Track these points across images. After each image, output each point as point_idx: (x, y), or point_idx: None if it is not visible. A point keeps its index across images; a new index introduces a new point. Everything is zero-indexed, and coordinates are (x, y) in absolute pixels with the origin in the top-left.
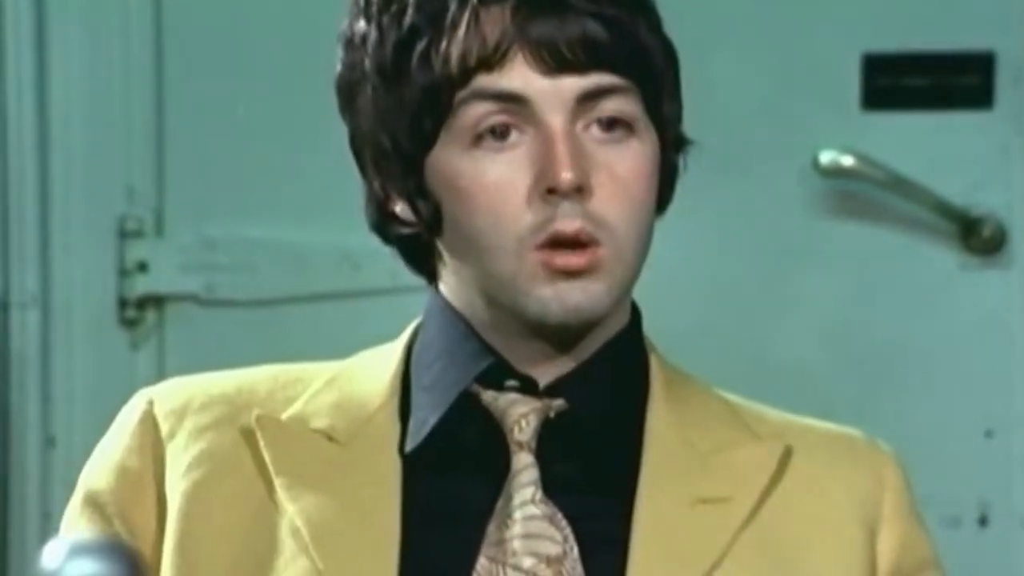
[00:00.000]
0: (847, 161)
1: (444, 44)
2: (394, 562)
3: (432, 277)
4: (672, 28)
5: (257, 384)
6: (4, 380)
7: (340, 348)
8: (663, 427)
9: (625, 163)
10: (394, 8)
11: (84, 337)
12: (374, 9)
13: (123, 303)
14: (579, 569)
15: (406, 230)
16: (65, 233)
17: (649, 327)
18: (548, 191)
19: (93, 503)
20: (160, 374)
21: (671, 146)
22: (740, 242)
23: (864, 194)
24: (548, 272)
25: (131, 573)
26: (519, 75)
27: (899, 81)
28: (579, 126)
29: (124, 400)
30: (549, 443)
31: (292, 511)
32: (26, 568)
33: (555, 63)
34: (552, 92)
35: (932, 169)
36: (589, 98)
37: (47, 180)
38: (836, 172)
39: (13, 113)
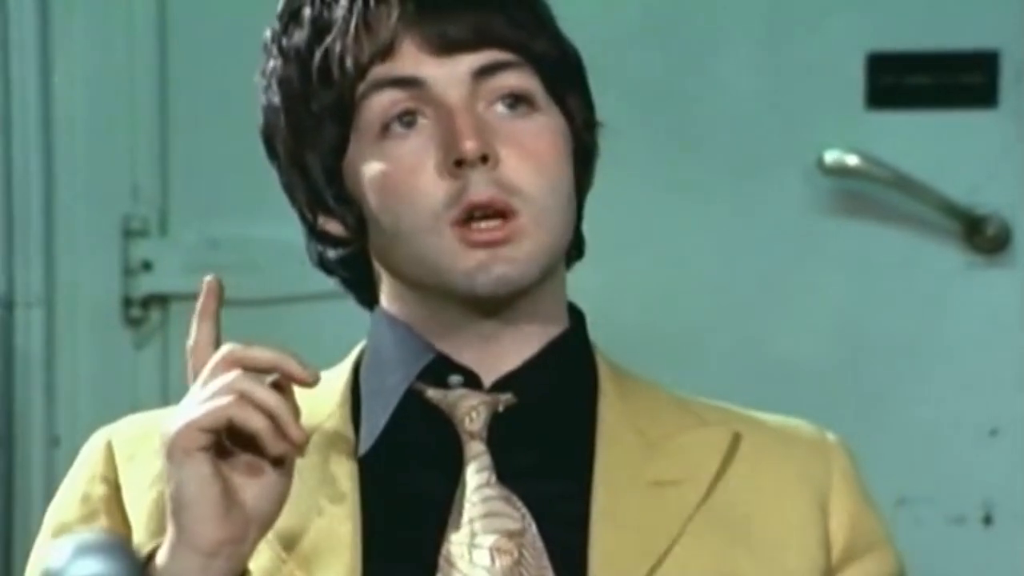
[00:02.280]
0: (852, 160)
1: (339, 50)
2: (358, 555)
3: (374, 300)
4: (677, 28)
5: None
6: (8, 379)
7: (344, 348)
8: (614, 417)
9: (531, 135)
10: (291, 34)
11: (88, 336)
12: (274, 43)
13: (127, 302)
14: (539, 543)
15: (341, 250)
16: (69, 232)
17: (654, 326)
18: (456, 163)
19: (61, 533)
20: (164, 373)
21: (581, 131)
22: (745, 241)
23: (869, 193)
24: (469, 246)
25: (135, 571)
26: (412, 59)
27: (904, 80)
28: (481, 105)
29: (128, 399)
30: (500, 434)
31: None
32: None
33: (446, 44)
34: (446, 71)
35: (937, 168)
36: (484, 73)
37: (51, 179)
38: (841, 171)
39: (18, 112)
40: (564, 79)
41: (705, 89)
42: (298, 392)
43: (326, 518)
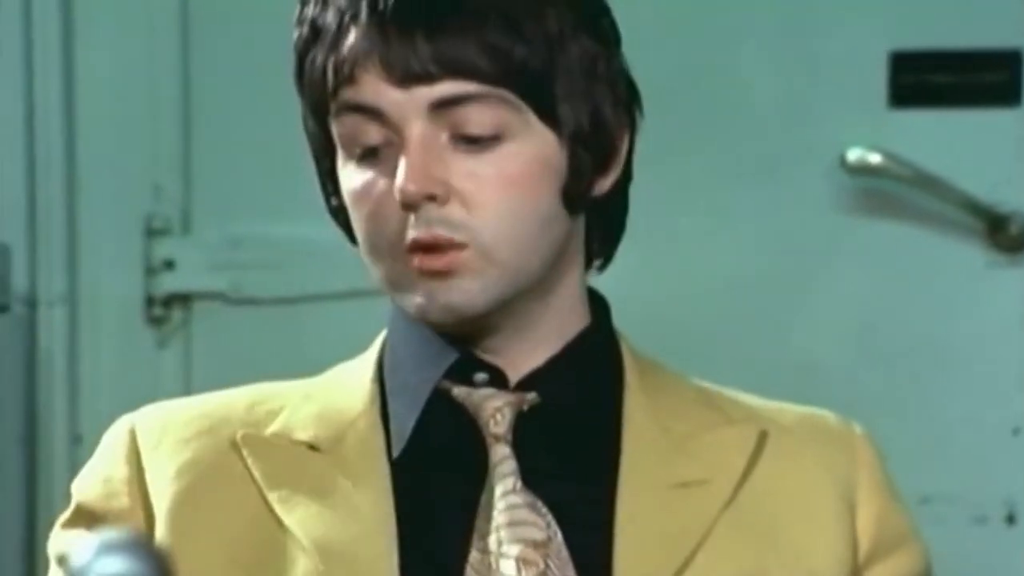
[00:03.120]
0: (874, 159)
1: (321, 58)
2: (395, 564)
3: None
4: (697, 26)
5: (235, 403)
6: (31, 378)
7: (365, 346)
8: (639, 415)
9: (491, 169)
10: (300, 24)
11: (111, 335)
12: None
13: (150, 301)
14: (564, 552)
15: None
16: (92, 231)
17: (675, 324)
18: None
19: (81, 513)
20: (186, 372)
21: (580, 143)
22: (767, 240)
23: (891, 191)
24: (416, 273)
25: (159, 570)
26: (372, 88)
27: (926, 78)
28: (443, 136)
29: (150, 397)
30: (525, 435)
31: (289, 523)
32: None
33: (404, 74)
34: (404, 103)
35: (959, 166)
36: (443, 106)
37: (74, 179)
38: (863, 170)
39: (41, 112)
40: (558, 90)
41: (727, 87)
42: (324, 389)
43: (363, 526)
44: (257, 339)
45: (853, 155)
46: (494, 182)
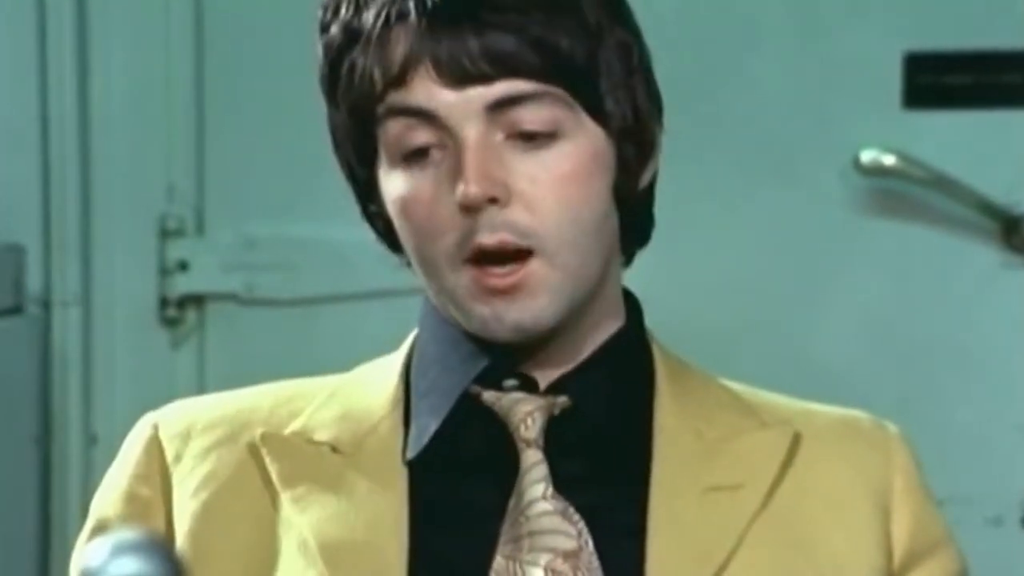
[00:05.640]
0: (888, 160)
1: (363, 62)
2: (403, 570)
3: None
4: (712, 26)
5: (259, 402)
6: (46, 378)
7: (381, 347)
8: (671, 419)
9: (549, 168)
10: (328, 29)
11: (125, 336)
12: (319, 31)
13: (164, 302)
14: (595, 562)
15: (383, 239)
16: (106, 232)
17: (690, 326)
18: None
19: (104, 531)
20: (200, 373)
21: (626, 137)
22: (781, 240)
23: (905, 193)
24: (482, 289)
25: (174, 571)
26: (424, 90)
27: (941, 79)
28: (499, 136)
29: (165, 398)
30: (556, 440)
31: (300, 524)
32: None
33: (459, 75)
34: (459, 105)
35: (974, 167)
36: (500, 107)
37: (88, 179)
38: (877, 171)
39: (55, 113)
40: (602, 84)
41: (741, 88)
42: (350, 388)
43: (371, 531)
44: (271, 340)
45: (867, 156)
46: (554, 182)
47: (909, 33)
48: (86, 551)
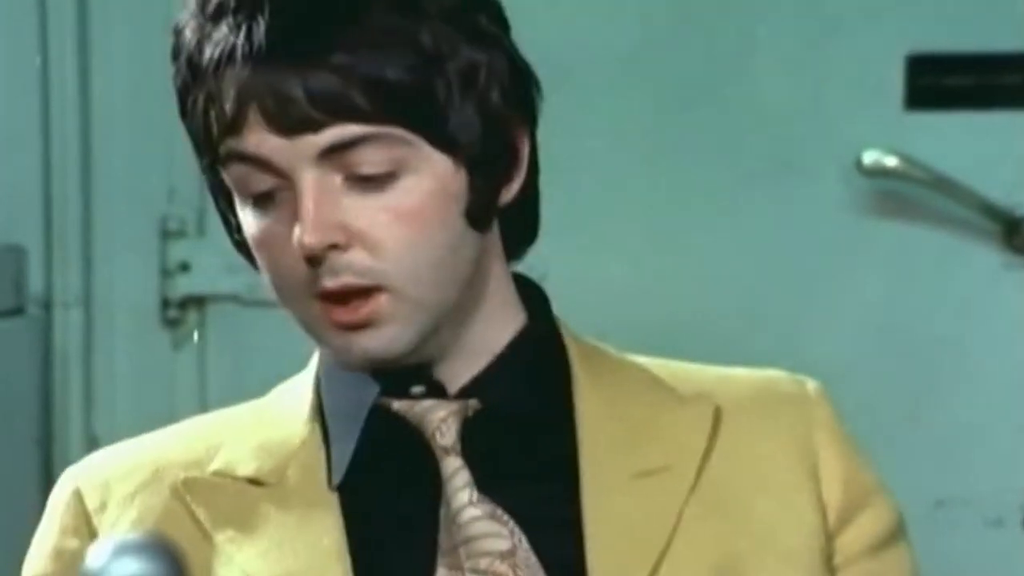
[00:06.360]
0: (890, 161)
1: (201, 102)
2: None
3: None
4: (714, 28)
5: (176, 443)
6: (47, 379)
7: None
8: (591, 406)
9: (390, 208)
10: (176, 58)
11: (126, 337)
12: (170, 55)
13: (165, 303)
14: (533, 558)
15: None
16: (107, 234)
17: (692, 326)
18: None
19: None
20: (201, 374)
21: (478, 159)
22: (783, 242)
23: (907, 194)
24: (331, 323)
25: (176, 570)
26: (255, 137)
27: (943, 81)
28: (337, 179)
29: (166, 399)
30: (474, 443)
31: (240, 561)
32: None
33: (287, 123)
34: (291, 152)
35: (976, 169)
36: (332, 152)
37: (90, 180)
38: (879, 172)
39: (56, 113)
40: (443, 113)
41: (743, 90)
42: (264, 415)
43: (313, 559)
44: (272, 341)
45: (869, 158)
46: (395, 221)
47: (911, 35)
48: (88, 553)
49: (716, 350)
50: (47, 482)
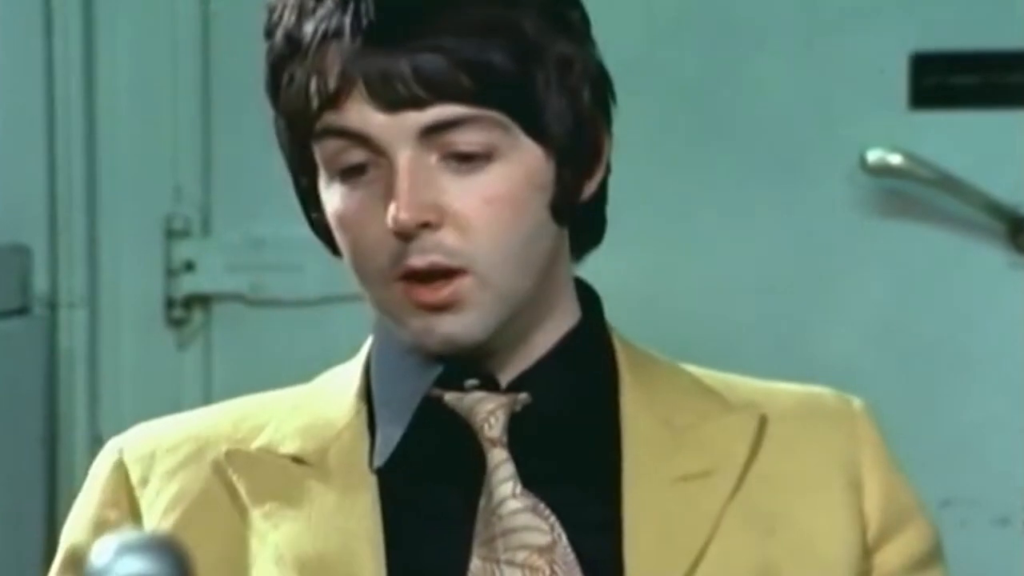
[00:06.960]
0: (895, 160)
1: (300, 76)
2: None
3: None
4: (718, 26)
5: (221, 420)
6: (52, 379)
7: None
8: (637, 409)
9: (482, 191)
10: (273, 35)
11: (131, 337)
12: (265, 35)
13: (170, 303)
14: (571, 555)
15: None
16: (112, 233)
17: (695, 326)
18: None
19: (75, 560)
20: (206, 373)
21: (566, 152)
22: (787, 241)
23: (912, 193)
24: (413, 304)
25: (180, 570)
26: (357, 113)
27: (947, 80)
28: (433, 158)
29: (171, 398)
30: (521, 438)
31: (274, 538)
32: None
33: (392, 99)
34: (392, 128)
35: (980, 168)
36: (433, 131)
37: (94, 180)
38: (884, 171)
39: (61, 113)
40: (540, 102)
41: (747, 88)
42: (311, 399)
43: (346, 541)
44: (277, 340)
45: (873, 156)
46: (486, 204)
47: (915, 33)
48: (92, 551)
49: (720, 349)
50: (52, 482)
